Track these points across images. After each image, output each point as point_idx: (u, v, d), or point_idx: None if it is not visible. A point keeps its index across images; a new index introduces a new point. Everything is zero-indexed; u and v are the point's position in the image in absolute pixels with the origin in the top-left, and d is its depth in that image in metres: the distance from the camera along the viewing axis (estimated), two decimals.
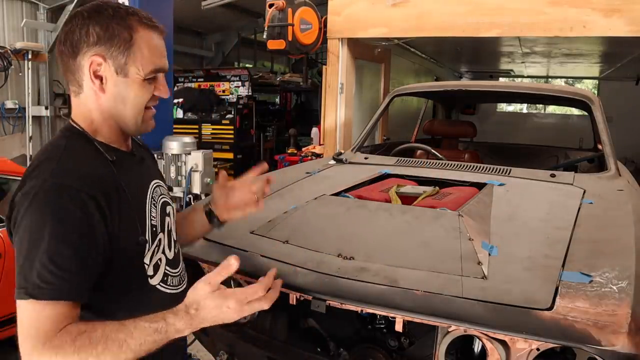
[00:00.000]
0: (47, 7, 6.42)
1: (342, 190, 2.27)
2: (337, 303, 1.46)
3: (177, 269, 1.27)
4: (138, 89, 1.12)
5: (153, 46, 1.12)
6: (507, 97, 5.06)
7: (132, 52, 1.09)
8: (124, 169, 1.14)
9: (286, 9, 4.58)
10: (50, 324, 0.97)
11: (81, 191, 1.01)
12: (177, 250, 1.29)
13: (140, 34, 1.10)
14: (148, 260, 1.15)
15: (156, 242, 1.18)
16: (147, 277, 1.16)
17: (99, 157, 1.11)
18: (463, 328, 1.32)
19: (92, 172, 1.07)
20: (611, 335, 1.19)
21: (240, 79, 7.32)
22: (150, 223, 1.16)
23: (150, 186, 1.22)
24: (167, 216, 1.25)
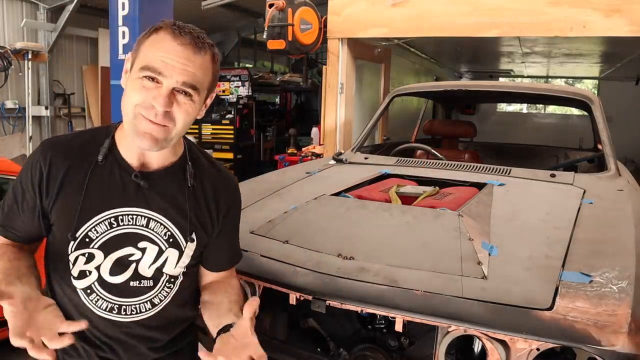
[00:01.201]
0: (47, 7, 6.42)
1: (342, 190, 2.26)
2: (337, 303, 1.46)
3: (117, 298, 1.17)
4: (130, 86, 1.10)
5: (159, 46, 1.08)
6: (507, 97, 5.06)
7: (141, 48, 1.10)
8: (106, 177, 1.15)
9: (286, 9, 4.58)
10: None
11: (39, 160, 1.14)
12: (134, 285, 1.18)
13: (158, 35, 1.09)
14: (72, 259, 1.16)
15: (84, 252, 1.14)
16: (71, 275, 1.17)
17: (94, 152, 1.16)
18: (463, 328, 1.32)
19: (64, 154, 1.15)
20: (611, 335, 1.19)
21: (240, 79, 7.31)
22: (85, 233, 1.14)
23: (124, 208, 1.15)
24: (133, 247, 1.16)
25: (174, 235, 1.19)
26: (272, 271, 1.60)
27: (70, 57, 7.00)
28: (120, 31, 4.74)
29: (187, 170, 1.21)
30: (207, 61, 1.12)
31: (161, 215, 1.18)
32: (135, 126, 1.09)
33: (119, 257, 1.16)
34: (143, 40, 1.11)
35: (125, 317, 1.19)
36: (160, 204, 1.18)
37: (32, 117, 6.36)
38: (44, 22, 6.45)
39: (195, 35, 1.09)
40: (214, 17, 8.05)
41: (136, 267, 1.18)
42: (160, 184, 1.19)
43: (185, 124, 1.12)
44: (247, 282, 1.68)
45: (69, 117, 6.93)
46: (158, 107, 1.06)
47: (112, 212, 1.15)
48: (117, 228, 1.15)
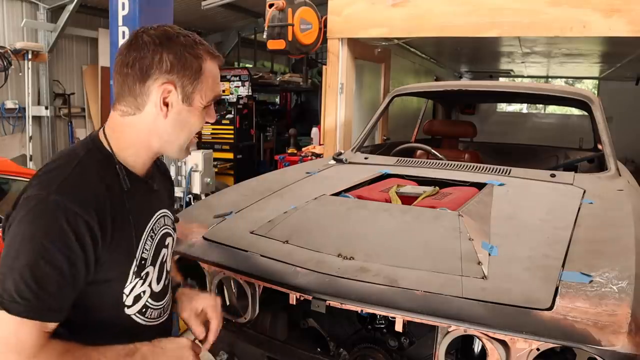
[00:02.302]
0: (47, 7, 6.41)
1: (342, 190, 2.27)
2: (337, 303, 1.46)
3: (161, 302, 1.24)
4: (198, 117, 1.16)
5: (215, 76, 1.17)
6: (507, 97, 5.06)
7: (199, 81, 1.13)
8: (135, 199, 1.14)
9: (286, 9, 4.58)
10: (33, 339, 0.97)
11: (78, 215, 0.99)
12: (166, 282, 1.27)
13: (207, 65, 1.14)
14: (127, 291, 1.13)
15: (142, 274, 1.16)
16: (124, 306, 1.14)
17: (113, 182, 1.10)
18: (463, 328, 1.32)
19: (97, 197, 1.05)
20: (611, 335, 1.19)
21: (240, 79, 7.31)
22: (141, 256, 1.15)
23: (154, 217, 1.21)
24: (164, 247, 1.24)
25: (173, 221, 1.31)
26: (272, 271, 1.60)
27: (70, 57, 7.00)
28: (120, 31, 4.73)
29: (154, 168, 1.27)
30: None
31: (166, 208, 1.28)
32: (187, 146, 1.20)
33: (160, 262, 1.22)
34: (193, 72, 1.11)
35: (165, 315, 1.27)
36: (163, 199, 1.29)
37: (32, 117, 6.36)
38: (44, 22, 6.44)
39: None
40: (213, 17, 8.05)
41: (166, 266, 1.26)
42: (157, 183, 1.27)
43: None
44: (247, 282, 1.68)
45: (69, 117, 6.92)
46: (211, 120, 1.20)
47: (150, 224, 1.20)
48: (155, 237, 1.21)
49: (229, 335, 1.77)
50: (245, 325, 1.76)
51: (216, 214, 1.98)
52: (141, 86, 1.09)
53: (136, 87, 1.09)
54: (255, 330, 1.76)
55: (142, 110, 1.11)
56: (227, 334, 1.77)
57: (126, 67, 1.09)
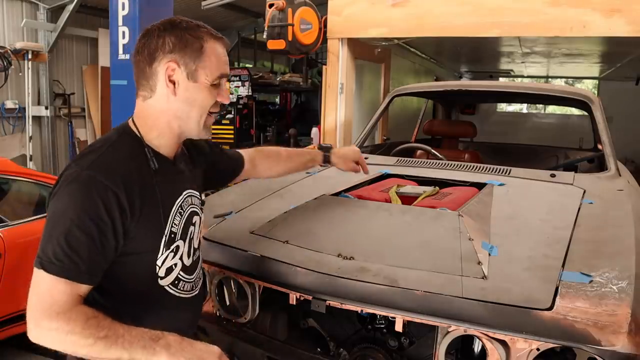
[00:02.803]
0: (47, 7, 6.41)
1: (342, 190, 2.27)
2: (337, 303, 1.46)
3: (192, 276, 1.35)
4: (205, 93, 1.24)
5: (219, 55, 1.25)
6: (507, 97, 5.05)
7: (201, 59, 1.22)
8: (162, 178, 1.24)
9: (286, 9, 4.57)
10: (64, 298, 1.07)
11: (108, 188, 1.11)
12: (195, 258, 1.37)
13: (209, 44, 1.23)
14: (160, 263, 1.24)
15: (172, 247, 1.26)
16: (158, 277, 1.25)
17: (142, 162, 1.22)
18: (463, 328, 1.32)
19: (126, 173, 1.16)
20: (611, 335, 1.19)
21: (240, 78, 7.30)
22: (170, 230, 1.25)
23: (182, 195, 1.31)
24: (191, 225, 1.34)
25: (200, 200, 1.40)
26: (272, 271, 1.60)
27: (70, 57, 7.00)
28: (120, 31, 4.74)
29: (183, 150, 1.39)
30: None
31: (193, 189, 1.37)
32: (206, 124, 1.27)
33: (189, 238, 1.32)
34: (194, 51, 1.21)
35: (197, 289, 1.38)
36: (191, 180, 1.37)
37: (32, 117, 6.36)
38: (44, 22, 6.44)
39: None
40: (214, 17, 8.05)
41: (193, 243, 1.35)
42: (185, 164, 1.37)
43: None
44: (247, 282, 1.68)
45: (69, 117, 6.92)
46: (226, 101, 1.29)
47: (177, 202, 1.29)
48: (184, 214, 1.30)
49: (229, 336, 1.77)
50: (245, 325, 1.76)
51: (216, 214, 1.99)
52: (150, 69, 1.21)
53: (146, 70, 1.22)
54: (255, 330, 1.76)
55: (155, 91, 1.22)
56: (227, 334, 1.77)
57: (138, 54, 1.23)
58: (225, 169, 1.69)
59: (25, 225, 3.04)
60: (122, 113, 2.75)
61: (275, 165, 1.84)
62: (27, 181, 3.33)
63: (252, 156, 1.76)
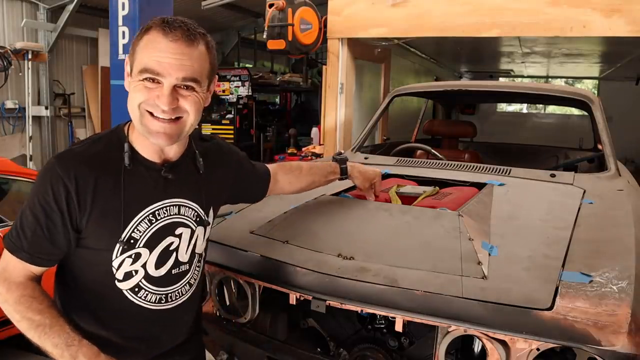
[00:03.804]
0: (47, 7, 6.41)
1: (342, 190, 2.26)
2: (337, 303, 1.46)
3: (164, 289, 1.28)
4: (132, 89, 1.14)
5: (152, 47, 1.11)
6: (507, 97, 5.05)
7: (136, 50, 1.14)
8: (135, 179, 1.19)
9: (286, 9, 4.58)
10: (16, 271, 1.15)
11: (60, 178, 1.12)
12: (178, 272, 1.29)
13: (149, 35, 1.13)
14: (116, 265, 1.20)
15: (131, 254, 1.20)
16: (115, 278, 1.21)
17: (116, 160, 1.18)
18: (463, 328, 1.32)
19: (87, 168, 1.15)
20: (611, 335, 1.19)
21: (240, 79, 7.31)
22: (130, 235, 1.19)
23: (158, 203, 1.23)
24: (172, 236, 1.26)
25: (199, 214, 1.32)
26: (272, 271, 1.60)
27: (70, 57, 7.00)
28: (120, 31, 4.74)
29: (197, 159, 1.32)
30: (202, 51, 1.16)
31: (187, 199, 1.29)
32: (145, 126, 1.15)
33: (162, 249, 1.24)
34: (137, 42, 1.15)
35: (172, 303, 1.30)
36: (185, 190, 1.28)
37: (32, 117, 6.36)
38: (44, 22, 6.45)
39: (185, 29, 1.13)
40: (214, 17, 8.06)
41: (176, 256, 1.28)
42: (180, 173, 1.27)
43: (197, 114, 1.18)
44: (247, 282, 1.68)
45: (69, 117, 6.93)
46: (163, 107, 1.12)
47: (149, 209, 1.21)
48: (156, 223, 1.22)
49: (229, 336, 1.77)
50: (245, 325, 1.76)
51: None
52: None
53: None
54: (255, 330, 1.76)
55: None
56: (227, 334, 1.77)
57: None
58: (252, 188, 1.63)
59: None
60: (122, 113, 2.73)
61: (297, 180, 1.76)
62: (27, 181, 3.32)
63: (275, 171, 1.70)
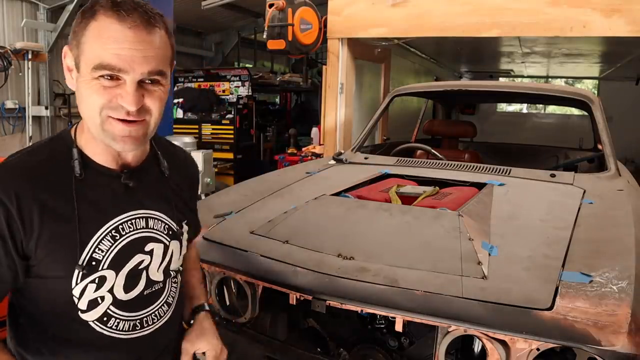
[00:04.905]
0: (47, 7, 6.41)
1: (342, 190, 2.27)
2: (337, 303, 1.46)
3: (136, 313, 1.09)
4: (87, 90, 0.95)
5: (106, 36, 0.92)
6: (507, 97, 5.05)
7: (82, 41, 0.94)
8: (90, 191, 1.01)
9: (286, 9, 4.58)
10: None
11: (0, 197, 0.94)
12: (150, 293, 1.11)
13: (97, 22, 0.93)
14: (77, 293, 1.01)
15: (94, 278, 1.02)
16: (78, 309, 1.02)
17: (64, 169, 1.00)
18: (463, 328, 1.32)
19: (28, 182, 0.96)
20: (611, 335, 1.19)
21: (240, 79, 7.31)
22: (91, 255, 1.00)
23: (122, 216, 1.05)
24: (141, 253, 1.08)
25: (171, 227, 1.14)
26: (272, 271, 1.60)
27: None
28: None
29: (160, 162, 1.15)
30: (163, 36, 0.98)
31: (155, 210, 1.11)
32: (108, 131, 0.97)
33: (130, 269, 1.06)
34: (81, 30, 0.95)
35: (148, 328, 1.12)
36: (151, 200, 1.11)
37: (32, 117, 6.36)
38: (44, 22, 6.44)
39: (142, 10, 0.94)
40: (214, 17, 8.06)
41: (147, 274, 1.10)
42: (144, 180, 1.10)
43: (160, 111, 1.01)
44: (247, 282, 1.68)
45: (69, 117, 6.92)
46: (129, 107, 0.94)
47: (111, 223, 1.04)
48: (120, 239, 1.05)
49: (229, 335, 1.77)
50: (245, 325, 1.76)
51: (216, 214, 1.98)
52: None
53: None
54: (255, 330, 1.76)
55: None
56: (227, 334, 1.77)
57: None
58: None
59: None
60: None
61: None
62: None
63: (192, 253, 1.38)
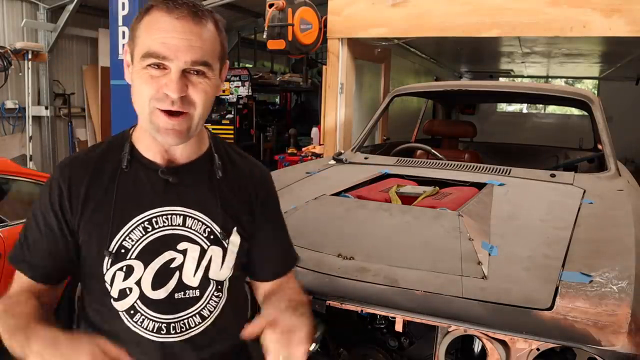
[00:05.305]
0: (47, 7, 6.41)
1: (342, 190, 2.26)
2: (337, 303, 1.46)
3: (162, 315, 1.06)
4: (137, 80, 0.99)
5: (155, 27, 0.96)
6: (507, 97, 5.06)
7: (136, 35, 1.00)
8: (132, 180, 1.06)
9: (286, 9, 4.58)
10: (15, 286, 1.06)
11: (57, 181, 1.06)
12: (179, 297, 1.07)
13: (150, 15, 0.98)
14: (108, 279, 1.04)
15: (122, 266, 1.04)
16: (110, 296, 1.05)
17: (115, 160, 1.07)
18: (463, 328, 1.32)
19: (81, 166, 1.08)
20: (611, 335, 1.19)
21: (240, 79, 7.30)
22: (121, 243, 1.04)
23: (157, 209, 1.06)
24: (172, 250, 1.07)
25: (214, 231, 1.09)
26: None
27: (70, 57, 6.99)
28: (120, 31, 4.74)
29: (214, 162, 1.12)
30: (211, 30, 1.01)
31: (197, 211, 1.08)
32: (154, 124, 1.00)
33: (159, 266, 1.06)
34: (136, 25, 1.01)
35: (175, 336, 1.07)
36: (194, 199, 1.09)
37: (32, 117, 6.35)
38: (44, 22, 6.44)
39: (191, 5, 0.98)
40: None
41: (180, 276, 1.07)
42: (189, 179, 1.09)
43: (206, 105, 1.02)
44: (247, 283, 1.68)
45: (69, 117, 6.92)
46: (172, 95, 0.96)
47: (145, 215, 1.05)
48: (152, 232, 1.05)
49: None
50: None
51: None
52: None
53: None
54: None
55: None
56: None
57: None
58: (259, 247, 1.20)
59: None
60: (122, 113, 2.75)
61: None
62: (27, 181, 3.32)
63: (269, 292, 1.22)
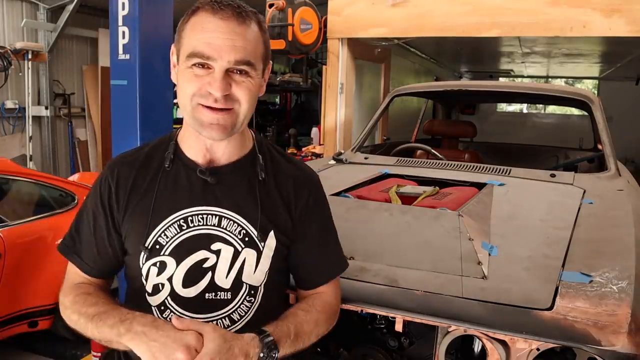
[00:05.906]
0: (47, 7, 6.41)
1: (342, 190, 2.26)
2: None
3: (191, 314, 1.06)
4: (182, 78, 1.03)
5: (200, 28, 1.00)
6: (507, 97, 5.05)
7: (182, 36, 1.04)
8: (172, 178, 1.10)
9: (286, 9, 4.58)
10: (73, 276, 1.13)
11: (106, 177, 1.12)
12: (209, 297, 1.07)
13: (196, 16, 1.02)
14: (145, 273, 1.09)
15: (156, 261, 1.07)
16: (146, 291, 1.09)
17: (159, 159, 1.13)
18: (463, 328, 1.32)
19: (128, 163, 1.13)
20: (611, 335, 1.19)
21: None
22: (156, 239, 1.07)
23: (195, 208, 1.07)
24: (206, 250, 1.07)
25: (249, 233, 1.09)
26: None
27: (70, 57, 6.99)
28: (120, 31, 4.72)
29: (257, 163, 1.13)
30: (255, 31, 1.04)
31: (233, 212, 1.09)
32: (198, 119, 1.03)
33: (192, 264, 1.06)
34: (182, 26, 1.04)
35: None
36: (231, 201, 1.09)
37: (32, 117, 6.35)
38: (44, 22, 6.44)
39: (236, 6, 1.01)
40: None
41: (212, 276, 1.07)
42: (229, 180, 1.10)
43: (250, 102, 1.04)
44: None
45: (69, 117, 6.92)
46: (215, 93, 0.99)
47: (181, 213, 1.07)
48: (187, 230, 1.07)
49: None
50: None
51: None
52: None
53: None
54: None
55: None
56: None
57: None
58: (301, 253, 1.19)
59: (25, 226, 3.04)
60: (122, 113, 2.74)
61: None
62: (27, 181, 3.32)
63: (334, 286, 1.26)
